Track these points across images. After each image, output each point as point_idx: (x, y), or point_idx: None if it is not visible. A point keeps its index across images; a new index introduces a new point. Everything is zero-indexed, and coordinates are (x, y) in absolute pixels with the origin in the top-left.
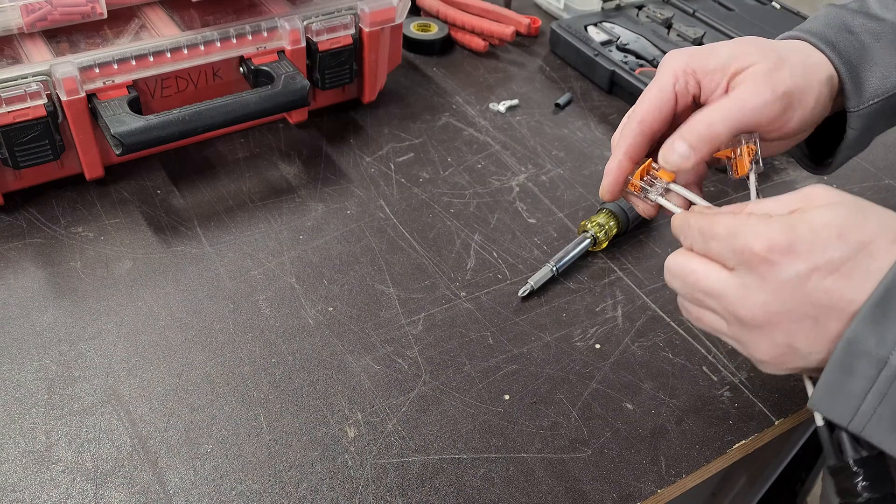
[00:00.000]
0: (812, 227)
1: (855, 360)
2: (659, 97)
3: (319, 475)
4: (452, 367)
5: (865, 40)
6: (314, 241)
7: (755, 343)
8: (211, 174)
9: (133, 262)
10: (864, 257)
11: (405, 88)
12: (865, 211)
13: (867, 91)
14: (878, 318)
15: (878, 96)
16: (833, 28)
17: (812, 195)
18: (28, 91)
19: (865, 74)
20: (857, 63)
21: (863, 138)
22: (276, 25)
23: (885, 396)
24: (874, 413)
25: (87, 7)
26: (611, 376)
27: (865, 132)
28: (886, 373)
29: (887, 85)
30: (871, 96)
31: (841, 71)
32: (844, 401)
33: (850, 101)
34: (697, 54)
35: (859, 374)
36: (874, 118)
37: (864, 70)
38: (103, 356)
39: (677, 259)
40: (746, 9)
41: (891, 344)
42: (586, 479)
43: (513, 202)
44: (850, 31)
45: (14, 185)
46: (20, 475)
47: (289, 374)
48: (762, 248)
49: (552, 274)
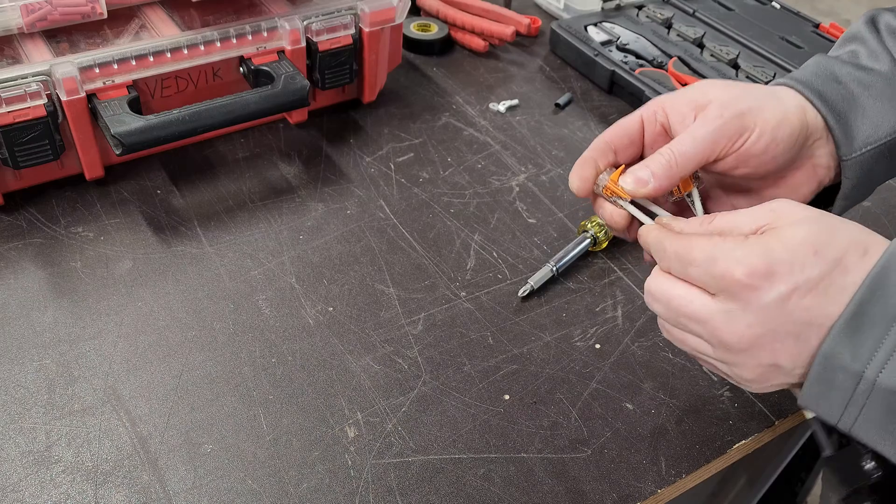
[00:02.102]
0: (788, 246)
1: (832, 374)
2: (626, 120)
3: (319, 475)
4: (452, 367)
5: (854, 90)
6: (314, 241)
7: (741, 364)
8: (211, 174)
9: (133, 262)
10: (838, 273)
11: (405, 88)
12: (835, 226)
13: (858, 139)
14: (851, 333)
15: (870, 144)
16: (821, 77)
17: (780, 211)
18: (28, 91)
19: (855, 123)
20: (846, 112)
21: (862, 187)
22: (276, 25)
23: (864, 408)
24: (857, 419)
25: (87, 7)
26: (611, 376)
27: (864, 181)
28: (862, 386)
29: (879, 133)
30: (863, 144)
31: (828, 119)
32: (827, 408)
33: (842, 150)
34: (672, 93)
35: (837, 387)
36: (870, 167)
37: (854, 118)
38: (103, 356)
39: (658, 283)
40: (746, 9)
41: (865, 358)
42: (586, 479)
43: (513, 202)
44: (837, 81)
45: (14, 185)
46: (20, 475)
47: (289, 374)
48: (743, 275)
49: (552, 274)
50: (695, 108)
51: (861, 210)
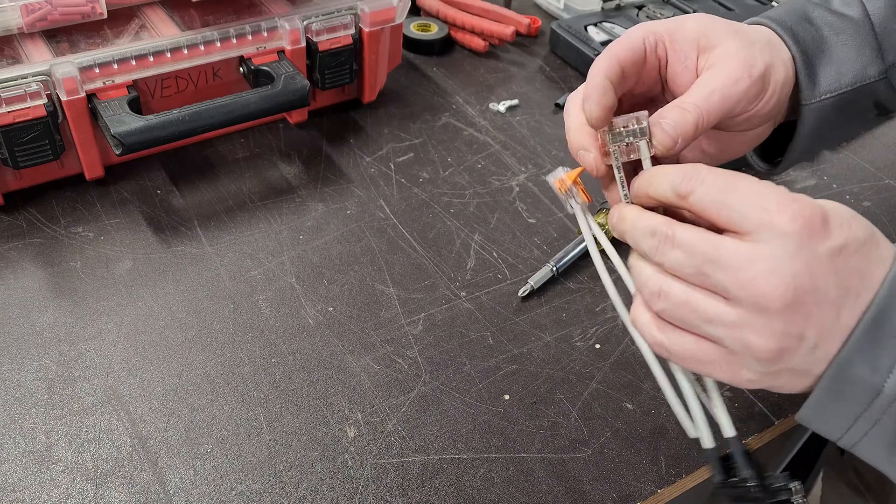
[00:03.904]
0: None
1: (846, 386)
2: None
3: (319, 475)
4: (452, 367)
5: (825, 33)
6: (314, 241)
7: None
8: (211, 174)
9: (133, 262)
10: (873, 245)
11: (405, 88)
12: None
13: (821, 85)
14: (872, 344)
15: (831, 92)
16: (794, 16)
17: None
18: (28, 91)
19: (820, 68)
20: (814, 54)
21: (814, 139)
22: (276, 25)
23: (878, 423)
24: (865, 436)
25: (87, 7)
26: (611, 376)
27: (817, 132)
28: (880, 402)
29: (841, 82)
30: (825, 91)
31: (797, 59)
32: (833, 422)
33: (804, 93)
34: (664, 23)
35: (850, 400)
36: (825, 117)
37: (820, 63)
38: (103, 356)
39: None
40: (746, 9)
41: (885, 372)
42: (586, 479)
43: (513, 202)
44: (810, 22)
45: (14, 185)
46: (20, 475)
47: (289, 374)
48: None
49: (552, 274)
50: (697, 48)
51: (861, 210)
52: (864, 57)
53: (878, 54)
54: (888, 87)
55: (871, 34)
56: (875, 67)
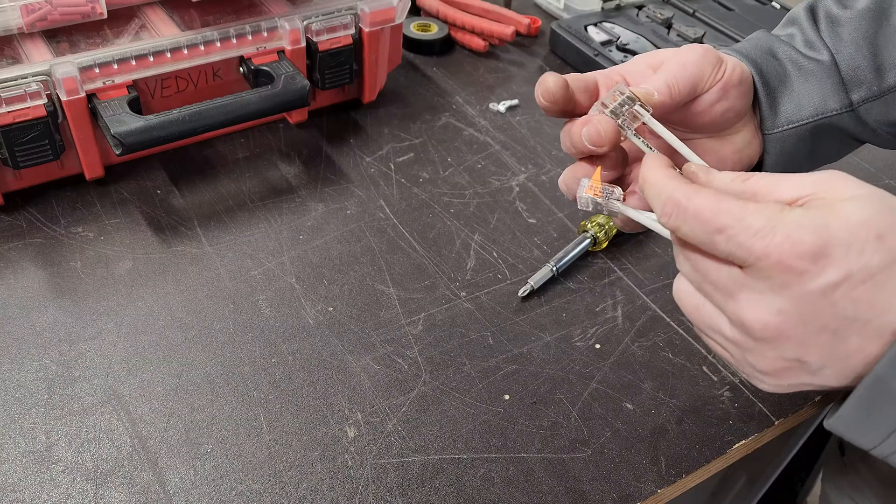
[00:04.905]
0: (847, 224)
1: (881, 398)
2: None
3: (319, 475)
4: (452, 367)
5: (788, 68)
6: (314, 241)
7: (759, 354)
8: (211, 174)
9: (133, 262)
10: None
11: (405, 88)
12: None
13: (781, 115)
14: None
15: (792, 123)
16: (760, 50)
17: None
18: (28, 91)
19: (782, 99)
20: (776, 86)
21: (786, 167)
22: (276, 25)
23: None
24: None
25: (87, 7)
26: (611, 376)
27: (782, 161)
28: None
29: (802, 114)
30: (785, 122)
31: (759, 90)
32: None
33: (766, 123)
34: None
35: (885, 414)
36: (791, 146)
37: (781, 95)
38: (103, 356)
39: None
40: (746, 9)
41: None
42: (586, 479)
43: (513, 202)
44: (775, 57)
45: (14, 185)
46: (20, 475)
47: (289, 374)
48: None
49: (552, 274)
50: (650, 66)
51: None
52: (824, 91)
53: (842, 88)
54: (856, 121)
55: (834, 72)
56: (837, 101)
